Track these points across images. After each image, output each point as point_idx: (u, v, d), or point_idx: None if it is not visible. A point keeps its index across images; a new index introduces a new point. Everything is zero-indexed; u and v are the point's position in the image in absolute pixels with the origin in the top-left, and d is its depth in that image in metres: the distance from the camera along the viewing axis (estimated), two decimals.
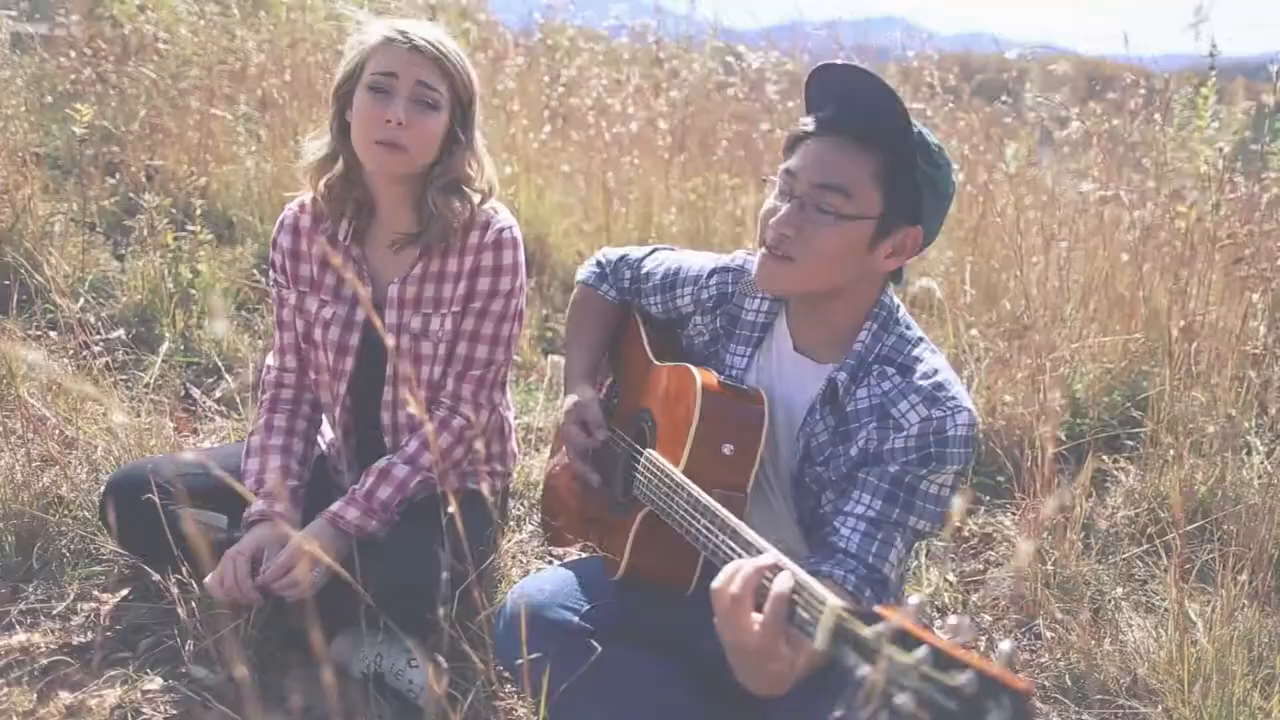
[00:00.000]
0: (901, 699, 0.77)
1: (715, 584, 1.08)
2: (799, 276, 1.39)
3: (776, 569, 1.05)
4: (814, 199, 1.35)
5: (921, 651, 0.79)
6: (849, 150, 1.35)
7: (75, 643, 1.73)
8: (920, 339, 1.45)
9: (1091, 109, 3.58)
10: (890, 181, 1.35)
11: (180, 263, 2.95)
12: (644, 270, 1.73)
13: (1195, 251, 2.84)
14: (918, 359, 1.41)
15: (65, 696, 1.60)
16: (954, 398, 1.37)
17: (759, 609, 1.04)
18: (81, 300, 2.81)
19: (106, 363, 2.46)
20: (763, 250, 1.41)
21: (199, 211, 3.00)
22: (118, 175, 3.55)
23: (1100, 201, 3.28)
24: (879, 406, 1.39)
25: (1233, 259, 2.78)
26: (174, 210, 3.16)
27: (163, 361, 2.65)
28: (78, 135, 3.23)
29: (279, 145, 3.74)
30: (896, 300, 1.49)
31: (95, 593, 1.84)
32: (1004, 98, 4.43)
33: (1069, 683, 1.90)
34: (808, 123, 1.41)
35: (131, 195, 3.35)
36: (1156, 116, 3.37)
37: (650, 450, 1.45)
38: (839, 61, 1.38)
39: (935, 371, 1.39)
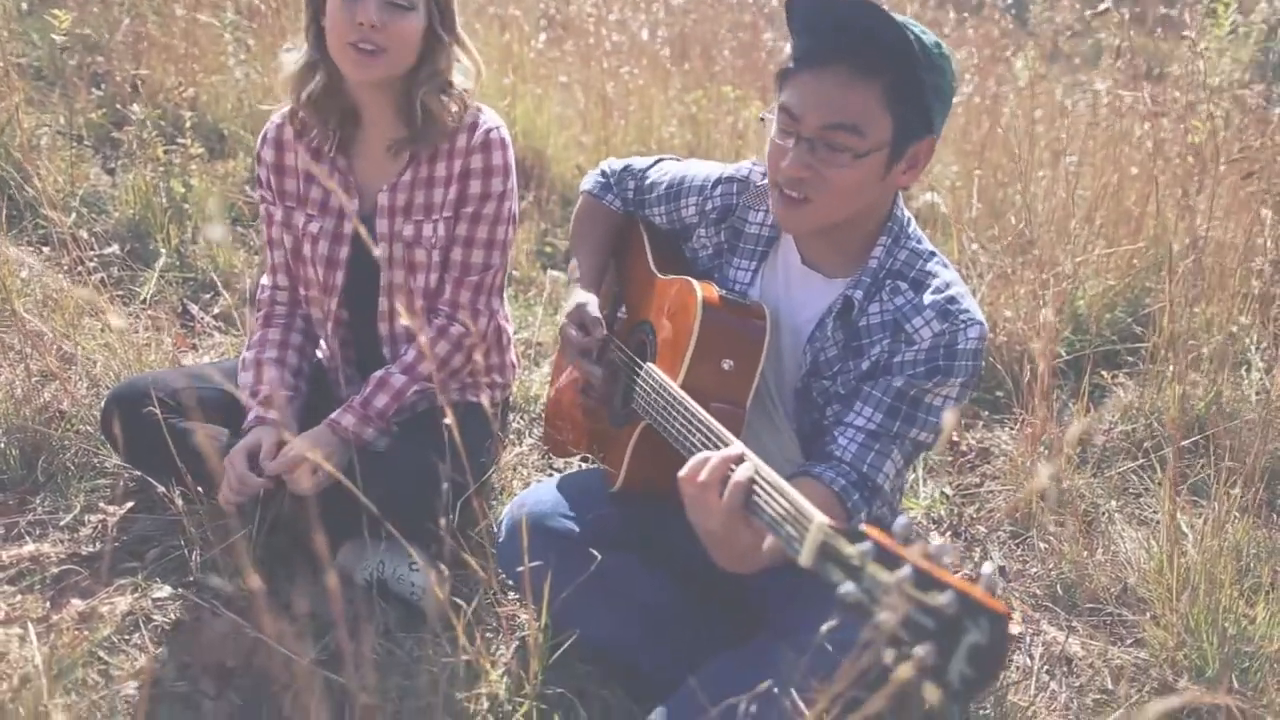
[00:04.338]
0: (882, 616, 0.78)
1: (682, 472, 1.14)
2: (819, 215, 1.36)
3: (740, 460, 1.11)
4: (824, 138, 1.30)
5: (904, 571, 0.80)
6: (851, 81, 1.28)
7: (84, 553, 1.76)
8: (932, 253, 1.43)
9: (1108, 18, 3.45)
10: (898, 104, 1.29)
11: (172, 177, 2.90)
12: (648, 180, 1.70)
13: (1206, 166, 2.78)
14: (931, 274, 1.40)
15: (77, 603, 1.63)
16: (966, 310, 1.36)
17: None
18: (74, 215, 2.77)
19: (102, 278, 2.44)
20: (776, 191, 1.37)
21: (189, 124, 2.94)
22: (103, 86, 3.46)
23: (1112, 113, 3.20)
24: (892, 322, 1.39)
25: (1244, 173, 2.73)
26: (163, 123, 3.09)
27: (159, 277, 2.63)
28: (59, 44, 3.13)
29: (268, 55, 3.63)
30: (907, 213, 1.46)
31: (101, 505, 1.86)
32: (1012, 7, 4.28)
33: (1060, 591, 1.94)
34: (799, 54, 1.34)
35: (119, 107, 3.27)
36: (1184, 19, 3.24)
37: (649, 364, 1.44)
38: None
39: (948, 286, 1.39)
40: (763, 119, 1.42)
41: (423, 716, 1.43)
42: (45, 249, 2.69)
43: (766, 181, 1.48)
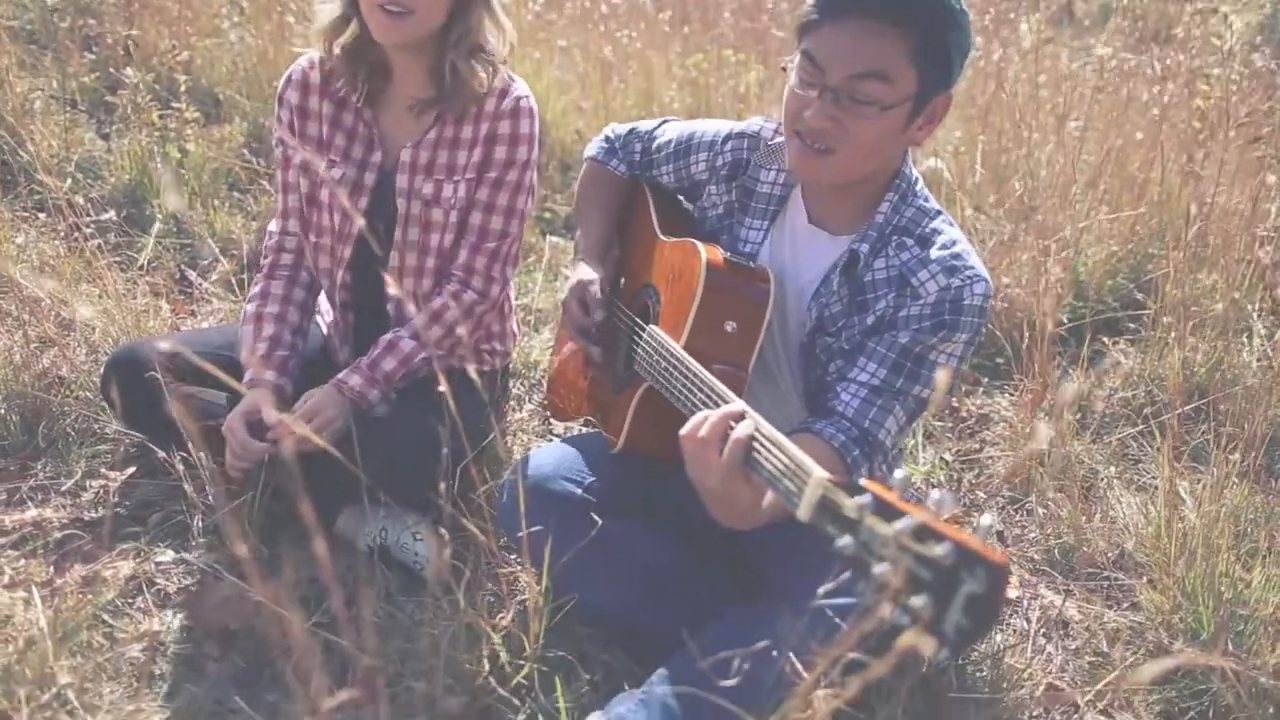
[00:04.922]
0: (880, 569, 0.79)
1: (683, 430, 1.14)
2: (842, 168, 1.35)
3: (741, 417, 1.11)
4: (850, 90, 1.29)
5: (902, 523, 0.80)
6: (880, 32, 1.27)
7: (86, 518, 1.76)
8: (939, 211, 1.44)
9: None
10: (924, 56, 1.29)
11: (168, 142, 2.87)
12: (656, 141, 1.69)
13: (1213, 131, 2.75)
14: (936, 231, 1.40)
15: (80, 568, 1.64)
16: (971, 267, 1.37)
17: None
18: (69, 180, 2.74)
19: (99, 244, 2.42)
20: (796, 142, 1.36)
21: (183, 88, 2.90)
22: (96, 49, 3.41)
23: (1119, 75, 3.16)
24: (898, 277, 1.39)
25: (1251, 137, 2.70)
26: (157, 86, 3.05)
27: (156, 242, 2.61)
28: (50, 6, 3.08)
29: (262, 17, 3.57)
30: (915, 172, 1.46)
31: (102, 470, 1.87)
32: None
33: (1057, 556, 1.95)
34: (820, 6, 1.32)
35: (112, 70, 3.23)
36: None
37: (652, 326, 1.44)
38: None
39: (954, 243, 1.39)
40: (784, 68, 1.40)
41: (424, 679, 1.44)
42: (41, 215, 2.67)
43: (779, 138, 1.46)
